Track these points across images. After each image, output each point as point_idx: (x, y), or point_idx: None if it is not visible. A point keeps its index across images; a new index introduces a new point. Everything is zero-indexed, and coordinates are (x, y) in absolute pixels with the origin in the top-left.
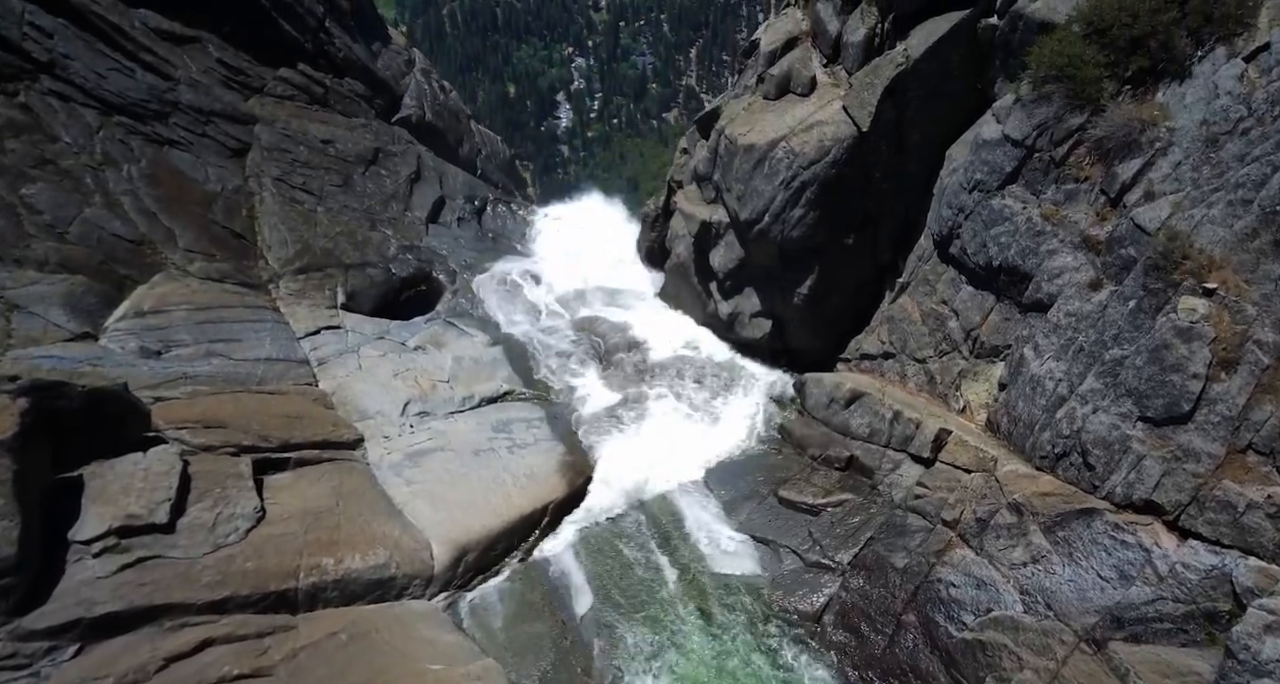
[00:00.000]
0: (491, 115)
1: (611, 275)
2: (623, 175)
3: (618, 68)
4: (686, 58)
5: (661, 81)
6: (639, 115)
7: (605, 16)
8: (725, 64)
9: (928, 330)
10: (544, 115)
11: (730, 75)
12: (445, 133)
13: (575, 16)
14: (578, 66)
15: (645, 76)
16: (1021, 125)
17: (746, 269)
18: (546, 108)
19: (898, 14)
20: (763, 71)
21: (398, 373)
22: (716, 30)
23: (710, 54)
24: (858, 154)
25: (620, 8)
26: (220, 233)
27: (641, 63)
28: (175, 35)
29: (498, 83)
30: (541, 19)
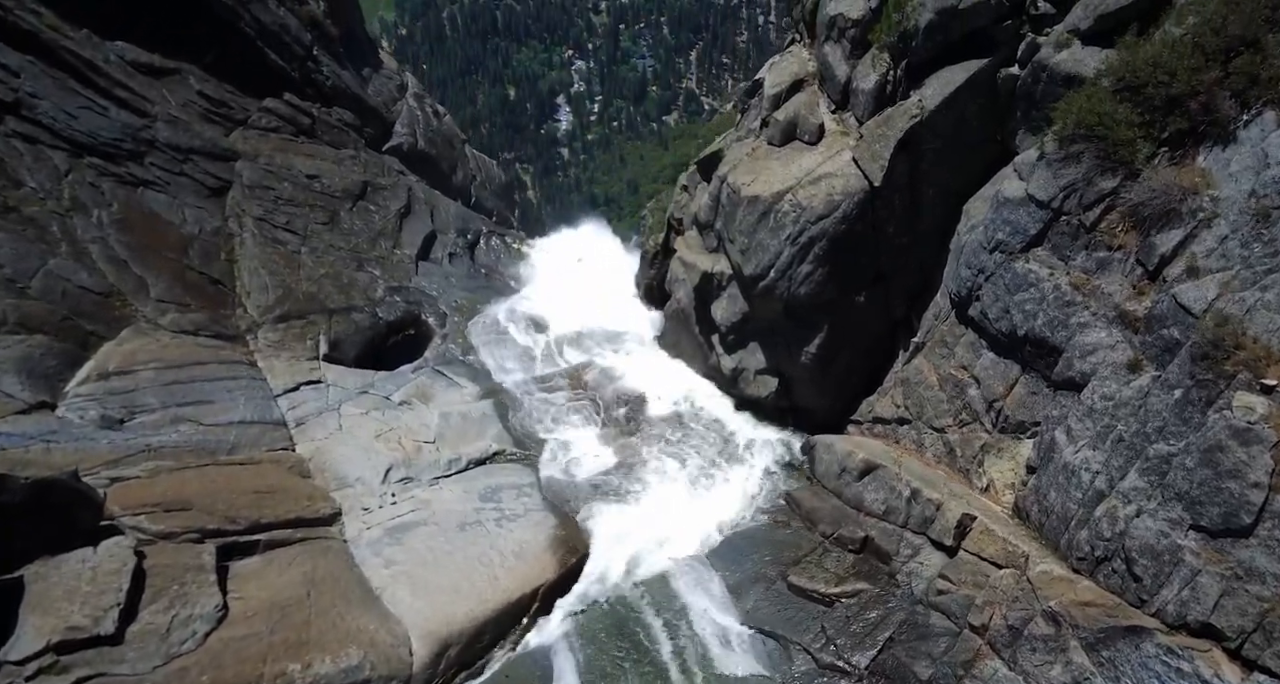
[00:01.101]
0: (491, 118)
1: (609, 315)
2: (623, 178)
3: (618, 70)
4: (686, 60)
5: (661, 84)
6: (639, 118)
7: (605, 19)
8: (725, 66)
9: (946, 397)
10: (544, 118)
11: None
12: (438, 160)
13: (575, 19)
14: (578, 69)
15: (645, 79)
16: (1047, 186)
17: (750, 323)
18: (546, 110)
19: (911, 62)
20: (767, 115)
21: (380, 433)
22: (716, 33)
23: (710, 57)
24: (869, 209)
25: (620, 10)
26: (196, 280)
27: (641, 65)
28: (154, 68)
29: (498, 85)
30: (541, 22)
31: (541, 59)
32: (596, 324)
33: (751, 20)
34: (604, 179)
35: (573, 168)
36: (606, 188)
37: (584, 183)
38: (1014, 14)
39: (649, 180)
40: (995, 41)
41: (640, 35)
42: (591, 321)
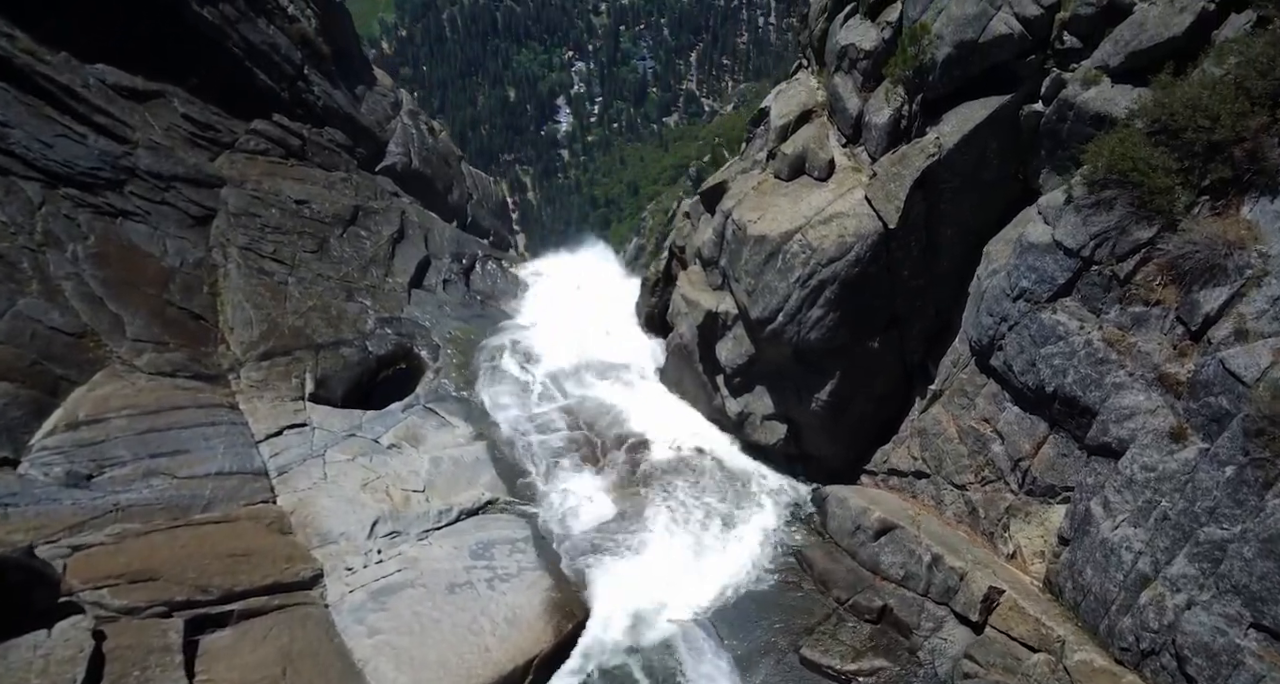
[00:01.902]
0: (491, 119)
1: (608, 345)
2: (623, 179)
3: (618, 72)
4: (687, 62)
5: (662, 85)
6: (639, 119)
7: (605, 20)
8: (725, 68)
9: (967, 451)
10: (544, 119)
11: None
12: (433, 179)
13: (575, 20)
14: (578, 70)
15: (645, 80)
16: (1076, 233)
17: (757, 365)
18: (546, 112)
19: (927, 96)
20: (774, 147)
21: (367, 482)
22: (717, 34)
23: (710, 58)
24: (883, 251)
25: (620, 12)
26: (176, 316)
27: (642, 67)
28: (136, 91)
29: (498, 87)
30: (541, 23)
31: (541, 60)
32: (595, 355)
33: (752, 21)
34: (604, 180)
35: (573, 169)
36: (606, 189)
37: (584, 184)
38: (1038, 48)
39: (649, 182)
40: (1018, 76)
41: (640, 36)
42: (590, 353)
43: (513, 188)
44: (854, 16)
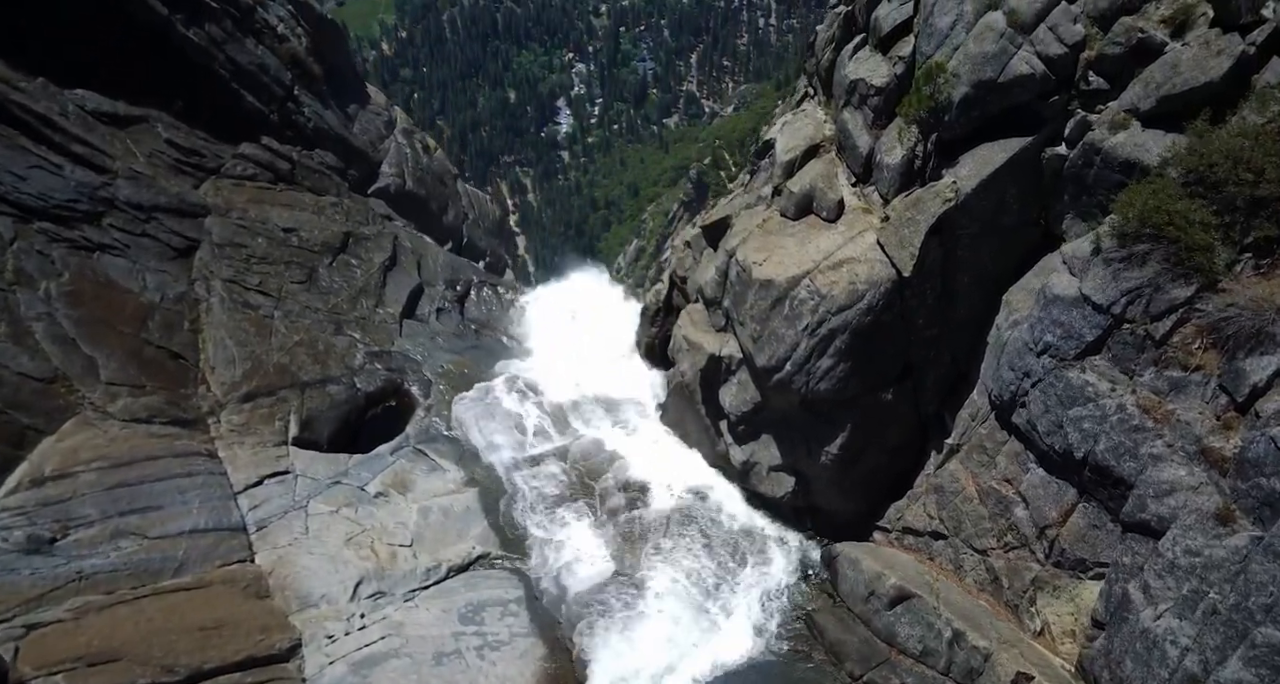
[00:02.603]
0: (491, 121)
1: (607, 377)
2: (623, 181)
3: (618, 73)
4: (687, 63)
5: (662, 87)
6: (639, 121)
7: (606, 22)
8: (726, 69)
9: (987, 513)
10: (544, 121)
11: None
12: (428, 200)
13: (575, 22)
14: (578, 72)
15: (646, 82)
16: (1106, 288)
17: (763, 413)
18: (547, 113)
19: (943, 136)
20: (779, 183)
21: (351, 537)
22: (717, 36)
23: (711, 59)
24: (896, 299)
25: (621, 13)
26: (154, 356)
27: (642, 68)
28: (118, 117)
29: (498, 88)
30: (542, 24)
31: (542, 62)
32: (593, 389)
33: (752, 23)
34: (604, 182)
35: (573, 171)
36: (607, 191)
37: (584, 186)
38: (1061, 89)
39: (649, 183)
40: (1040, 118)
41: (640, 38)
42: (588, 386)
43: (513, 189)
44: (863, 48)
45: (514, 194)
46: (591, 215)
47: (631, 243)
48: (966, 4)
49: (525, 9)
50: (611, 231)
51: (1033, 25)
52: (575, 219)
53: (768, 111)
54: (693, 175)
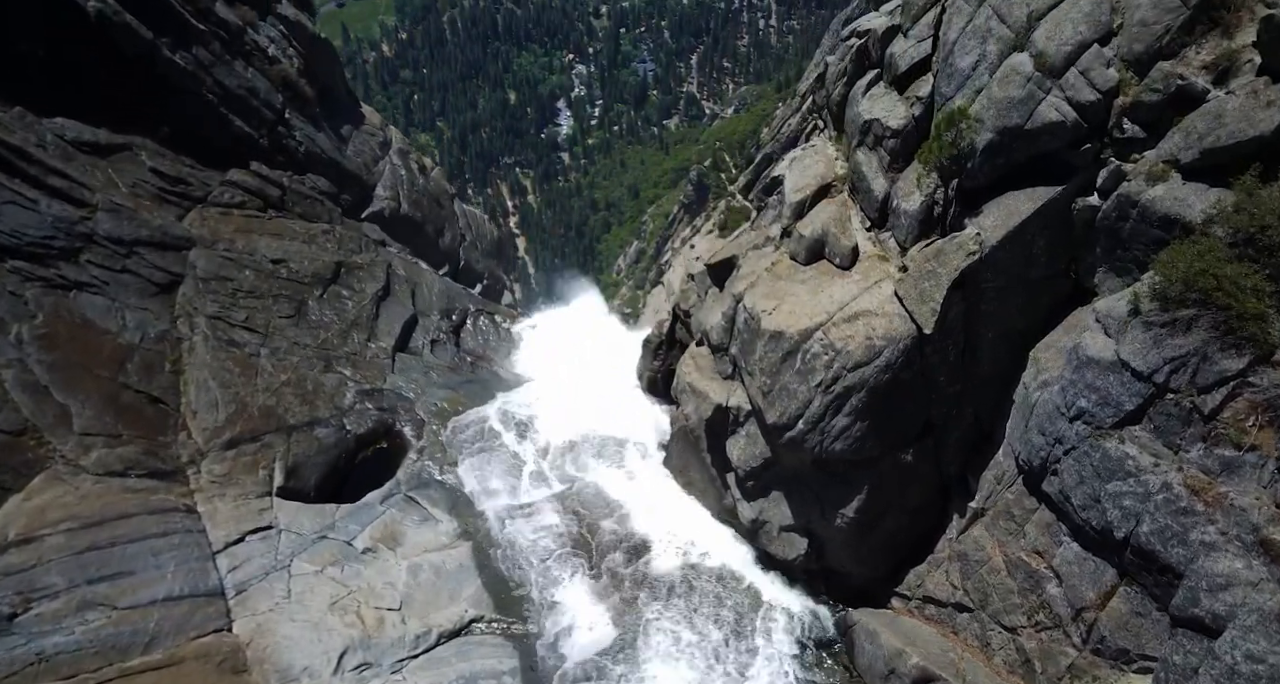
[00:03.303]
0: (492, 122)
1: (607, 413)
2: (623, 183)
3: (618, 75)
4: (687, 64)
5: (662, 88)
6: (640, 122)
7: (606, 23)
8: (726, 70)
9: (1016, 587)
10: (544, 122)
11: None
12: (424, 223)
13: (576, 23)
14: (578, 73)
15: (646, 83)
16: (1146, 354)
17: (774, 469)
18: (547, 115)
19: (965, 184)
20: (789, 224)
21: (336, 601)
22: (717, 37)
23: (711, 61)
24: (917, 356)
25: (621, 14)
26: (132, 400)
27: (642, 69)
28: (99, 146)
29: (498, 90)
30: (542, 26)
31: (542, 63)
32: (593, 426)
33: (753, 24)
34: (604, 183)
35: (573, 172)
36: (607, 192)
37: (584, 187)
38: (1094, 136)
39: (650, 185)
40: (1070, 166)
41: (641, 39)
42: (587, 423)
43: (513, 191)
44: (877, 85)
45: (514, 195)
46: (592, 217)
47: (632, 244)
48: (989, 44)
49: (525, 10)
50: (612, 233)
51: (1062, 69)
52: (575, 221)
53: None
54: (693, 177)
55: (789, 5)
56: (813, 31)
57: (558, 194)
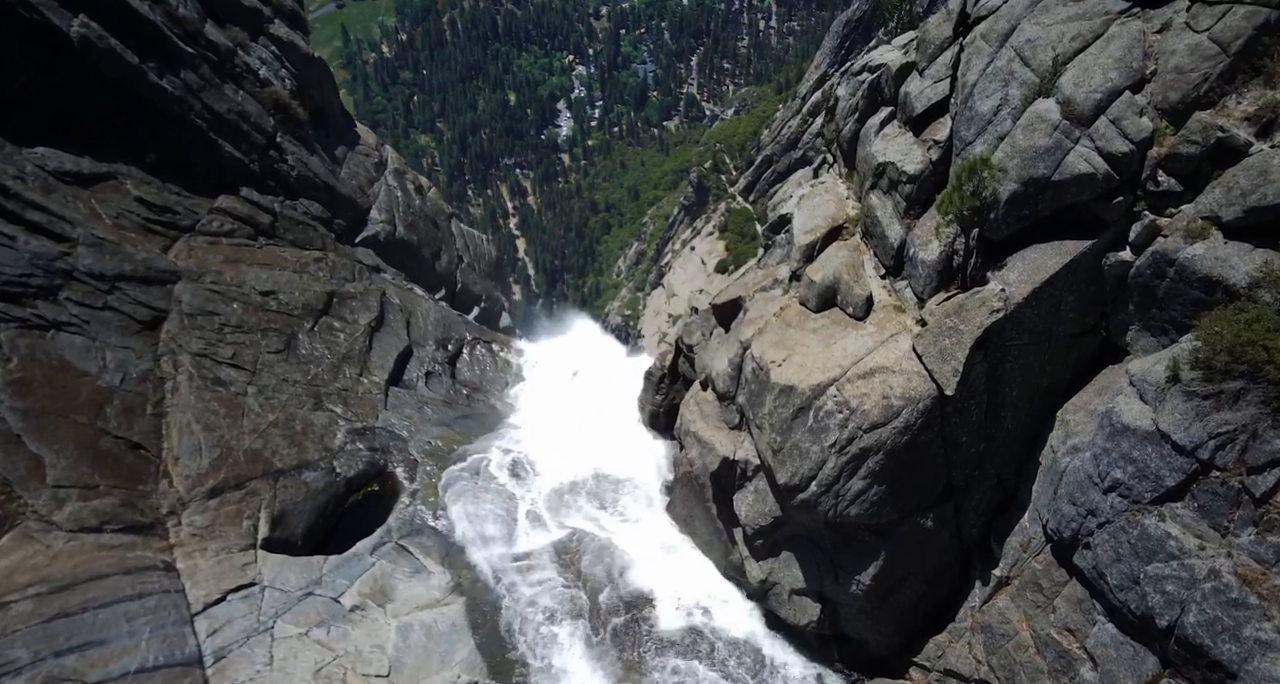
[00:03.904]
0: (492, 123)
1: (608, 450)
2: (623, 184)
3: (618, 76)
4: (687, 66)
5: (662, 89)
6: (639, 123)
7: (606, 24)
8: (726, 72)
9: (1046, 667)
10: (544, 123)
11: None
12: (419, 247)
13: (576, 24)
14: (578, 75)
15: (646, 84)
16: (1189, 427)
17: (784, 528)
18: (547, 116)
19: (987, 235)
20: (798, 267)
21: (321, 667)
22: (717, 38)
23: (711, 62)
24: (937, 417)
25: (621, 16)
26: (111, 447)
27: (642, 71)
28: (82, 176)
29: (498, 91)
30: (542, 27)
31: (542, 64)
32: (592, 465)
33: (753, 25)
34: (604, 185)
35: (573, 173)
36: (607, 193)
37: (584, 189)
38: (1126, 188)
39: (650, 186)
40: (1100, 219)
41: (641, 40)
42: (587, 461)
43: (513, 192)
44: (890, 123)
45: (514, 197)
46: (592, 218)
47: (632, 246)
48: (1012, 88)
49: (525, 11)
50: (612, 234)
51: (1091, 117)
52: (575, 222)
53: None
54: (693, 179)
55: (789, 6)
56: (813, 33)
57: (558, 195)
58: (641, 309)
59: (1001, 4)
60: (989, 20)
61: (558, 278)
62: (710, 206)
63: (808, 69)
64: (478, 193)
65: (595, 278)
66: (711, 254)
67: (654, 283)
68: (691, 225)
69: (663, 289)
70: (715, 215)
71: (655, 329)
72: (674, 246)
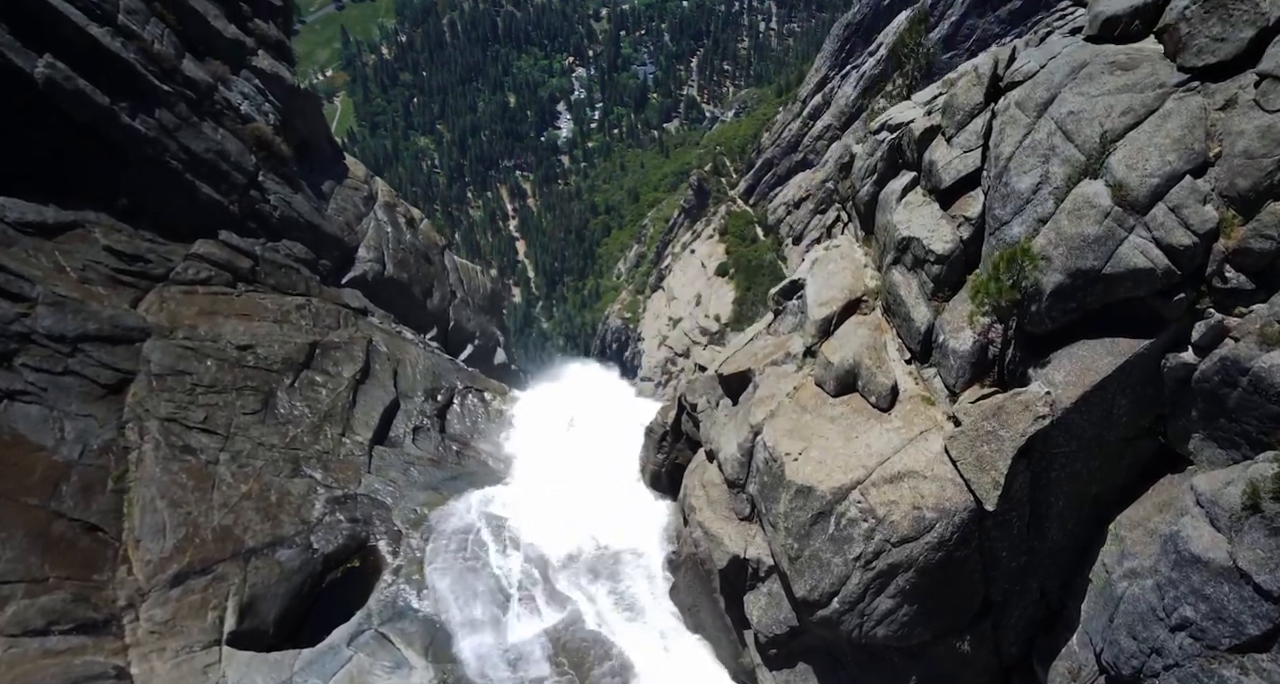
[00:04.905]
0: (491, 125)
1: (606, 515)
2: (623, 186)
3: (618, 77)
4: (687, 67)
5: (662, 91)
6: (639, 125)
7: (606, 26)
8: (727, 73)
9: None
10: (544, 125)
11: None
12: (410, 285)
13: (576, 26)
14: (578, 76)
15: (646, 86)
16: (1275, 568)
17: (802, 639)
18: (547, 118)
19: (1027, 328)
20: (814, 343)
21: None
22: (718, 40)
23: (711, 63)
24: (974, 532)
25: (621, 17)
26: (65, 532)
27: (642, 72)
28: (46, 226)
29: (498, 93)
30: (542, 29)
31: (542, 66)
32: (589, 534)
33: (753, 27)
34: (604, 187)
35: (573, 175)
36: (607, 195)
37: (584, 190)
38: (1188, 284)
39: (650, 188)
40: (1158, 316)
41: (641, 42)
42: (583, 529)
43: (513, 194)
44: (913, 190)
45: (514, 199)
46: (592, 220)
47: (632, 248)
48: (1053, 165)
49: (525, 13)
50: (612, 236)
51: (1148, 204)
52: (575, 224)
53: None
54: (693, 181)
55: (789, 8)
56: (813, 34)
57: (558, 197)
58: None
59: (1038, 69)
60: (1025, 87)
61: (557, 280)
62: (710, 209)
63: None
64: (477, 195)
65: (595, 280)
66: (712, 257)
67: (654, 285)
68: (691, 228)
69: (663, 292)
70: (715, 218)
71: (655, 332)
72: (674, 249)
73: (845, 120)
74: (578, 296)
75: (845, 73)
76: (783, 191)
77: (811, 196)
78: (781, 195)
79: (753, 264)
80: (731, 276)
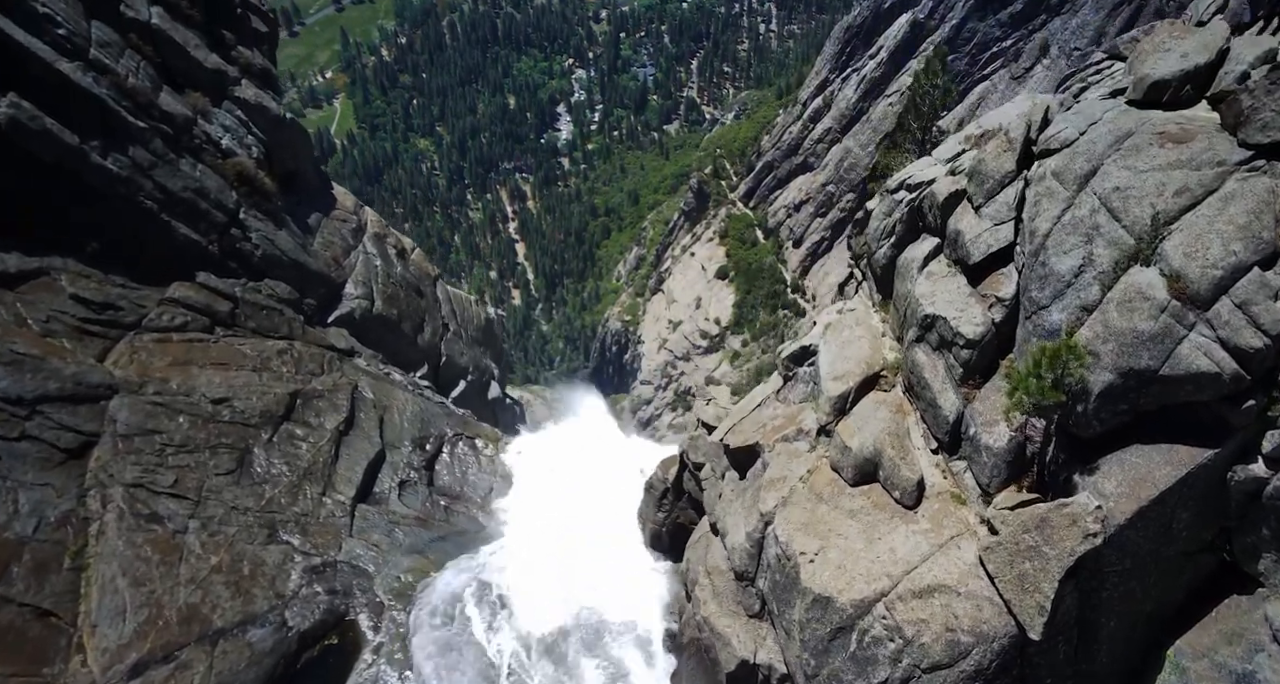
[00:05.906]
0: (491, 127)
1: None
2: (623, 188)
3: (618, 79)
4: (687, 69)
5: (662, 93)
6: (639, 127)
7: (606, 28)
8: (726, 75)
9: None
10: (544, 127)
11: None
12: (400, 321)
13: (576, 28)
14: (578, 78)
15: (646, 88)
16: None
17: None
18: (547, 120)
19: (1073, 430)
20: (829, 421)
21: None
22: (717, 42)
23: (711, 65)
24: (1016, 659)
25: (621, 19)
26: (13, 619)
27: (642, 74)
28: (7, 275)
29: (498, 94)
30: (542, 31)
31: (542, 68)
32: (585, 604)
33: (753, 28)
34: (604, 189)
35: (573, 177)
36: (607, 197)
37: (584, 192)
38: (1258, 390)
39: (650, 190)
40: (1223, 422)
41: (641, 44)
42: (578, 599)
43: (512, 196)
44: (936, 259)
45: (514, 200)
46: (592, 222)
47: (632, 250)
48: (1098, 246)
49: (525, 15)
50: (612, 239)
51: (1210, 299)
52: (575, 226)
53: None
54: (693, 184)
55: (789, 10)
56: (813, 36)
57: (557, 199)
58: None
59: (1077, 137)
60: (1062, 156)
61: (557, 282)
62: (710, 212)
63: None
64: (477, 197)
65: (595, 283)
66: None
67: (654, 288)
68: (691, 231)
69: (663, 295)
70: (715, 221)
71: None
72: (674, 252)
73: (846, 123)
74: (577, 299)
75: (846, 75)
76: (783, 194)
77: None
78: (782, 198)
79: (753, 267)
80: (731, 280)
